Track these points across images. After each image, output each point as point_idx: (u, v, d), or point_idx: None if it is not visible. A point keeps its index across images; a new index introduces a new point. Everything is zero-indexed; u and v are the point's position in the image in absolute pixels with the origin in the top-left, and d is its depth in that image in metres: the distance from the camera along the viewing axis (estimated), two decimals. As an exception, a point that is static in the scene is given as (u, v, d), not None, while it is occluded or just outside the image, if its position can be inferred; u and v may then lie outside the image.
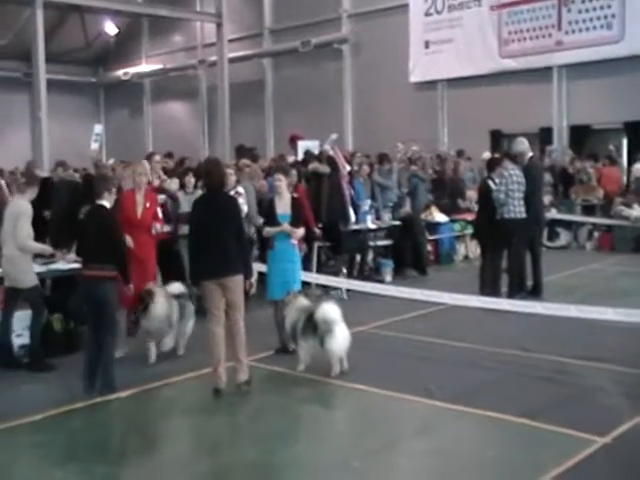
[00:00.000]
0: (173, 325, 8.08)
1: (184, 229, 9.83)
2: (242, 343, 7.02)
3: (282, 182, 8.30)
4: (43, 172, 11.33)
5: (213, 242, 6.89)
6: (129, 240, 7.76)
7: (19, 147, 22.83)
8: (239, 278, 6.97)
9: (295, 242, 8.35)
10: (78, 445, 6.00)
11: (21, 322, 8.19)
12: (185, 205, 10.24)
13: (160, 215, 8.86)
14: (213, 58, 23.23)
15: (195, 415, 6.67)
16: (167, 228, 9.93)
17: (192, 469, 5.52)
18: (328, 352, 7.33)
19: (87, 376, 6.96)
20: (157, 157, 11.34)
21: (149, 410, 6.92)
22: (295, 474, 5.45)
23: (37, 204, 10.74)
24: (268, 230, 8.34)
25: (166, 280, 9.13)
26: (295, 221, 8.26)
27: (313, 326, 7.35)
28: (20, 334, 8.15)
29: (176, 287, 8.34)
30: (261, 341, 8.19)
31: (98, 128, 12.12)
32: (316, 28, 22.13)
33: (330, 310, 7.39)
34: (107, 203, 7.13)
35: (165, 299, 8.00)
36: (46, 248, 8.29)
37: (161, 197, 10.58)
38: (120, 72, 27.59)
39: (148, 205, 8.51)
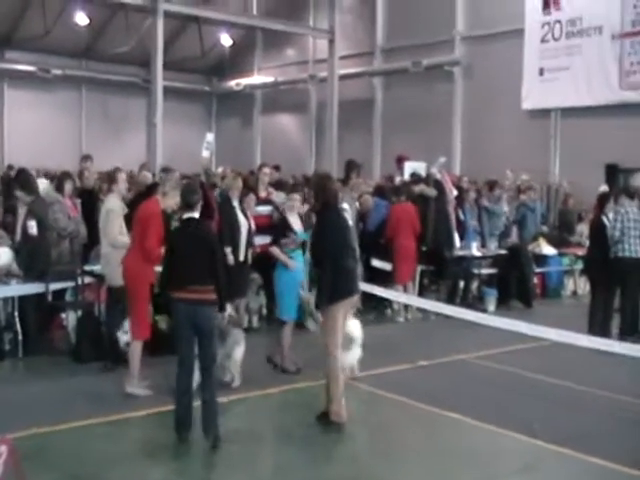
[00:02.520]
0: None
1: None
2: None
3: (297, 201, 8.77)
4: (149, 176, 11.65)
5: (352, 258, 6.83)
6: None
7: (135, 149, 23.64)
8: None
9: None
10: (175, 443, 6.07)
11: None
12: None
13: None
14: (324, 74, 23.46)
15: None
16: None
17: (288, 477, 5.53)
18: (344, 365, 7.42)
19: (182, 421, 6.14)
20: (266, 169, 11.54)
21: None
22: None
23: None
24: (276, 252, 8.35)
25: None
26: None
27: None
28: (127, 331, 8.39)
29: None
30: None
31: (210, 136, 12.32)
32: (428, 49, 22.00)
33: (355, 327, 7.68)
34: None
35: None
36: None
37: (267, 208, 10.77)
38: (233, 82, 28.17)
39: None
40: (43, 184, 10.72)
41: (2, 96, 24.70)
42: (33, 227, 8.67)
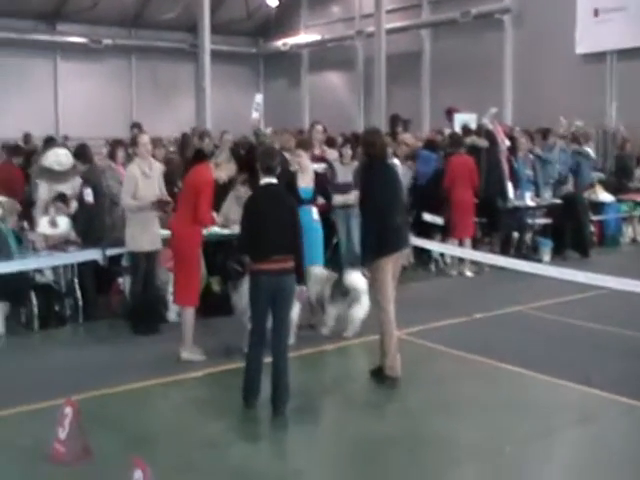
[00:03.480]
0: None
1: (339, 199, 9.88)
2: None
3: (303, 157, 8.50)
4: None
5: (400, 213, 6.75)
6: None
7: (184, 115, 23.71)
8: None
9: (316, 217, 8.39)
10: (232, 402, 6.11)
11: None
12: (341, 175, 10.27)
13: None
14: (371, 29, 23.07)
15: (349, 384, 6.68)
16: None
17: (344, 434, 5.53)
18: (353, 317, 7.80)
19: (250, 386, 6.02)
20: (319, 127, 11.38)
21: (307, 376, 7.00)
22: (444, 453, 5.31)
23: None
24: None
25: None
26: (317, 195, 8.46)
27: (342, 292, 7.76)
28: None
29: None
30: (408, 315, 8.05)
31: (259, 97, 12.33)
32: (477, -2, 21.43)
33: (359, 279, 7.64)
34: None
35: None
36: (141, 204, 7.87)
37: (322, 166, 10.69)
38: (279, 43, 27.97)
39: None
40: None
41: (55, 68, 24.99)
42: (89, 194, 8.77)
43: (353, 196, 9.70)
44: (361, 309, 7.77)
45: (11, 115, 21.55)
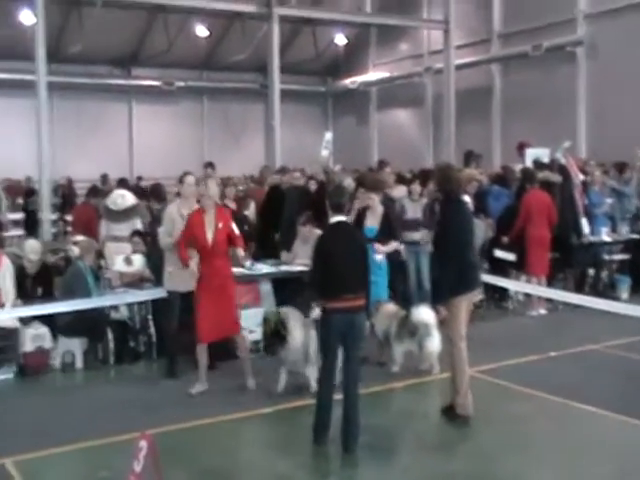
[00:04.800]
0: (311, 358, 7.24)
1: (408, 236, 9.94)
2: None
3: (375, 200, 8.62)
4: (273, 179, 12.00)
5: (472, 251, 6.75)
6: (194, 265, 7.38)
7: (254, 153, 24.27)
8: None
9: (380, 257, 8.35)
10: (302, 439, 6.18)
11: (253, 319, 8.76)
12: (410, 212, 10.33)
13: (237, 233, 7.80)
14: (439, 65, 23.22)
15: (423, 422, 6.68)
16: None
17: (416, 473, 5.53)
18: (428, 353, 7.77)
19: (321, 424, 6.05)
20: (388, 169, 11.68)
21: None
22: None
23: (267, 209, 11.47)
24: None
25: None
26: (382, 235, 8.38)
27: (410, 330, 7.77)
28: (253, 330, 8.70)
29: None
30: (480, 353, 8.01)
31: (328, 135, 12.54)
32: (548, 31, 21.32)
33: (428, 314, 7.63)
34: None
35: (302, 329, 7.26)
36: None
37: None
38: (348, 81, 28.34)
39: (220, 226, 7.48)
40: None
41: (130, 111, 25.93)
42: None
43: (422, 233, 9.78)
44: (434, 343, 7.76)
45: (89, 158, 22.45)
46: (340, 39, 26.91)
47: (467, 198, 10.73)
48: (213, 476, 5.65)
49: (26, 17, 18.36)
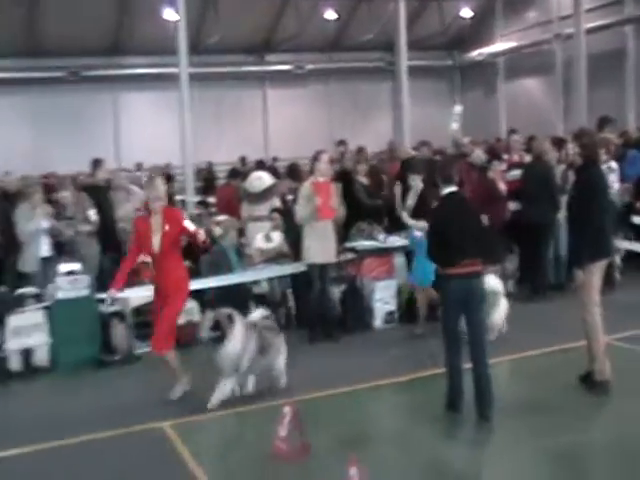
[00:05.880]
0: (241, 369, 6.48)
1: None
2: None
3: (417, 180, 8.53)
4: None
5: (608, 216, 6.49)
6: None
7: (382, 130, 24.09)
8: None
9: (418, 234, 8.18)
10: (437, 406, 6.14)
11: (388, 290, 8.76)
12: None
13: (191, 228, 6.84)
14: (569, 30, 22.10)
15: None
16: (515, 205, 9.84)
17: (553, 440, 5.39)
18: (493, 322, 7.66)
19: (453, 390, 6.07)
20: (516, 136, 11.43)
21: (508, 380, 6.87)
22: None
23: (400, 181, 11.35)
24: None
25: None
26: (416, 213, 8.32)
27: None
28: (387, 301, 8.73)
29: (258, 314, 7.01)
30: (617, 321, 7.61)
31: (458, 109, 12.33)
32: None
33: (497, 282, 7.72)
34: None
35: (242, 333, 6.44)
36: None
37: (518, 172, 10.48)
38: (474, 53, 27.54)
39: (167, 229, 6.67)
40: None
41: (264, 96, 26.40)
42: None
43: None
44: (500, 312, 7.84)
45: (227, 142, 23.06)
46: (466, 12, 26.13)
47: (614, 164, 10.25)
48: (352, 441, 5.71)
49: (169, 15, 18.97)
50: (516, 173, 10.46)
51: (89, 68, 22.82)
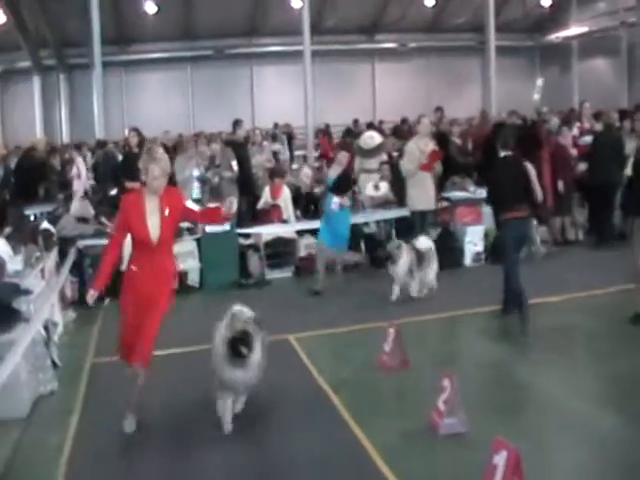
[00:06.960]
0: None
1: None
2: None
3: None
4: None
5: None
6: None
7: (472, 100, 23.13)
8: None
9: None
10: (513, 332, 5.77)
11: (476, 234, 8.31)
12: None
13: (195, 208, 4.86)
14: (633, 19, 20.39)
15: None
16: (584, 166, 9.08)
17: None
18: (427, 279, 7.19)
19: (511, 299, 6.21)
20: (587, 104, 10.89)
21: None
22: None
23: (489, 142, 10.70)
24: None
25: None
26: None
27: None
28: (476, 243, 8.29)
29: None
30: None
31: (540, 82, 11.44)
32: None
33: (431, 244, 7.29)
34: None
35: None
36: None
37: (588, 138, 9.70)
38: (552, 36, 25.82)
39: (167, 213, 4.35)
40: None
41: (373, 69, 25.78)
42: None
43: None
44: (433, 271, 7.19)
45: (342, 108, 22.59)
46: (546, 1, 24.44)
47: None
48: (444, 357, 5.57)
49: (295, 2, 18.69)
50: (587, 139, 9.72)
51: (231, 47, 22.82)
